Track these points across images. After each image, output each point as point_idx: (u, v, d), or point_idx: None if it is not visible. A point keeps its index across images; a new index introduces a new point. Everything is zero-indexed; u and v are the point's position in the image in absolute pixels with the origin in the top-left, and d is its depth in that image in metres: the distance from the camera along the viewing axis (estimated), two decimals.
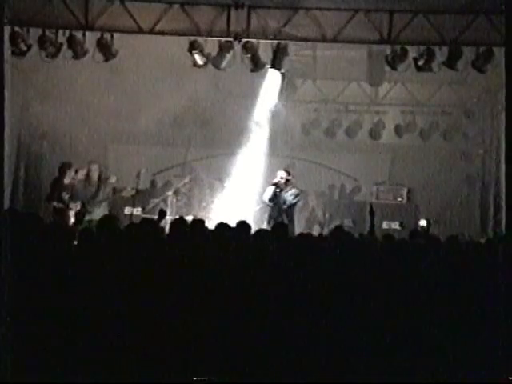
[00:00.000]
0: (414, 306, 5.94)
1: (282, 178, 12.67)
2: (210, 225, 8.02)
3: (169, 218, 12.89)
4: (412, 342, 5.80)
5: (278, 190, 12.58)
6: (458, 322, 5.88)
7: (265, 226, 12.02)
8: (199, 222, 7.86)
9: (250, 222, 7.70)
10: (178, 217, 10.09)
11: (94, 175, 14.06)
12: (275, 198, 12.59)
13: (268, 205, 12.75)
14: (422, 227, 12.50)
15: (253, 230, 7.42)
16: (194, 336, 5.61)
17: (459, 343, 5.83)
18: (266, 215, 12.77)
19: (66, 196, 12.99)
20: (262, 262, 6.30)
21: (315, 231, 14.96)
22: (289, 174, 12.86)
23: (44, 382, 5.38)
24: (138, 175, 14.62)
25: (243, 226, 7.42)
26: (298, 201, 12.82)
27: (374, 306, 5.86)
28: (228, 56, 12.74)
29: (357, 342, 5.73)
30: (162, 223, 10.78)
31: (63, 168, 13.36)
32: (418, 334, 5.83)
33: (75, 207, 13.00)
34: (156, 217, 10.39)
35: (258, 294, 5.84)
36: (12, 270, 5.42)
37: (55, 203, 12.97)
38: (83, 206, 13.06)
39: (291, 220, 12.41)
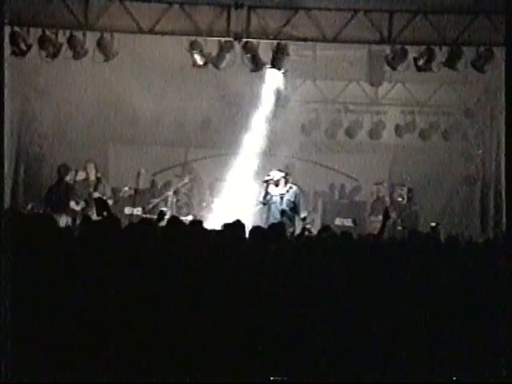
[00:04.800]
0: (413, 305, 5.94)
1: (272, 179, 12.53)
2: (210, 225, 8.01)
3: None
4: (412, 341, 5.81)
5: (265, 194, 12.46)
6: (457, 322, 5.89)
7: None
8: (197, 223, 7.85)
9: (250, 222, 7.68)
10: (172, 216, 10.09)
11: (91, 174, 14.12)
12: (266, 199, 12.48)
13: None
14: (432, 227, 12.35)
15: None
16: (192, 336, 5.61)
17: (459, 343, 5.83)
18: (265, 216, 12.71)
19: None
20: (260, 262, 6.29)
21: (315, 232, 14.92)
22: (287, 174, 12.74)
23: (44, 382, 5.38)
24: (138, 175, 14.65)
25: (238, 225, 7.38)
26: (299, 201, 12.71)
27: (374, 307, 5.86)
28: (228, 56, 12.74)
29: (357, 342, 5.73)
30: (163, 223, 10.77)
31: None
32: (417, 334, 5.83)
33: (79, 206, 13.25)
34: (156, 217, 10.40)
35: (256, 295, 5.84)
36: (12, 270, 5.42)
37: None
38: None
39: (291, 220, 12.36)
